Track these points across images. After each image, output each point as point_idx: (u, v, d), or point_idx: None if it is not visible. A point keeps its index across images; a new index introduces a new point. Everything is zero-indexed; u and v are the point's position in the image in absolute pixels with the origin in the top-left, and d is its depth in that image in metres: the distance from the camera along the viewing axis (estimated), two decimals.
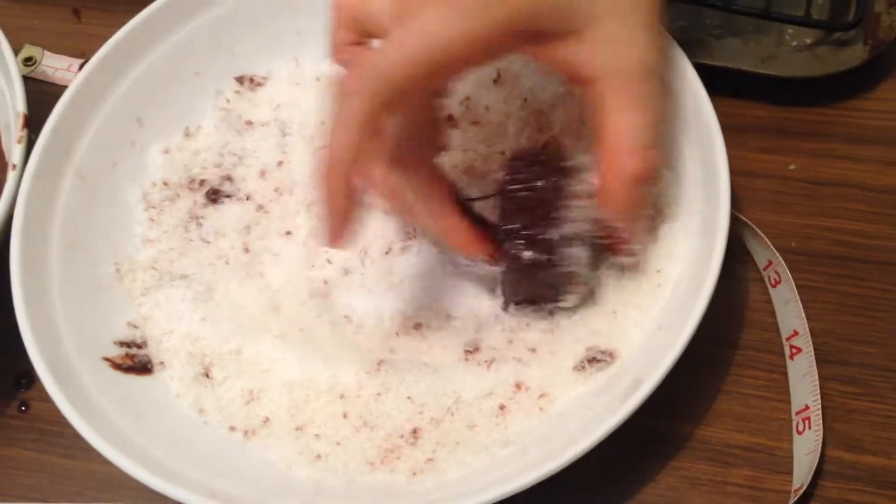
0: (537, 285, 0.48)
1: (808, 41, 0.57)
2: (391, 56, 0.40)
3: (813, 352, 0.48)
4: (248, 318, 0.51)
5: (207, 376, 0.49)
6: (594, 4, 0.42)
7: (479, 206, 0.50)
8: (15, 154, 0.52)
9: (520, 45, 0.43)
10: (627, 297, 0.48)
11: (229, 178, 0.56)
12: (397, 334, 0.50)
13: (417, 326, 0.50)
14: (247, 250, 0.53)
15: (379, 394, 0.48)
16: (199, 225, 0.54)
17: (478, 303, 0.51)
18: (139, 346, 0.50)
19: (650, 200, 0.47)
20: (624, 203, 0.45)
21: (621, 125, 0.43)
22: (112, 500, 0.49)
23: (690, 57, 0.50)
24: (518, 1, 0.41)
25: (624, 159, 0.43)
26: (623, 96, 0.43)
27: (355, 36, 0.46)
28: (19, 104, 0.54)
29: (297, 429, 0.48)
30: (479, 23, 0.40)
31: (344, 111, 0.41)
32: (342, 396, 0.48)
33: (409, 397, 0.47)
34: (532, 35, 0.42)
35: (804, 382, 0.48)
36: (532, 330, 0.49)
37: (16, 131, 0.53)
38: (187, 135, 0.57)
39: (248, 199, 0.55)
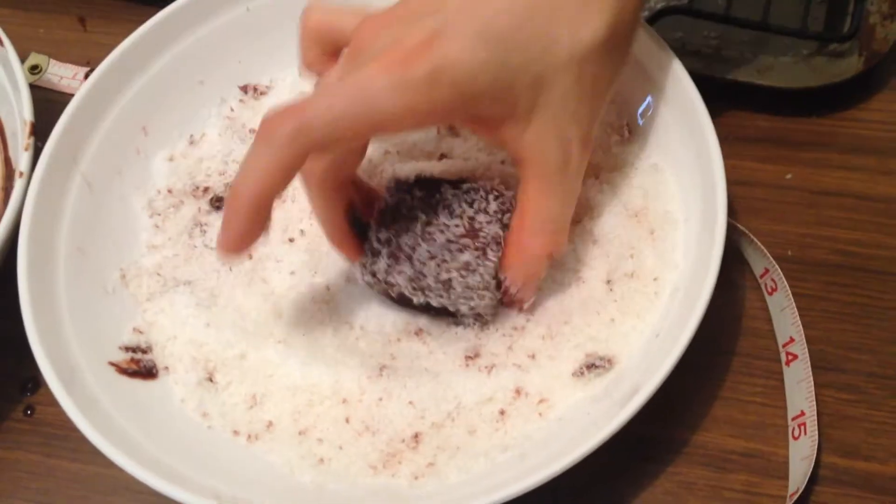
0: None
1: (805, 52, 0.58)
2: (318, 107, 0.41)
3: (809, 358, 0.48)
4: (251, 323, 0.52)
5: (211, 381, 0.50)
6: (539, 94, 0.43)
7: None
8: (22, 161, 0.52)
9: (456, 121, 0.45)
10: (625, 304, 0.49)
11: None
12: (399, 340, 0.51)
13: (419, 332, 0.51)
14: (250, 257, 0.54)
15: (381, 399, 0.48)
16: (203, 232, 0.55)
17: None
18: (144, 352, 0.51)
19: (543, 275, 0.49)
20: (520, 275, 0.48)
21: (533, 208, 0.46)
22: (117, 503, 0.49)
23: (689, 67, 0.51)
24: (463, 87, 0.41)
25: (527, 239, 0.47)
26: (540, 184, 0.45)
27: (323, 50, 0.47)
28: (26, 112, 0.54)
29: (299, 433, 0.48)
30: (421, 99, 0.41)
31: (260, 153, 0.41)
32: (344, 401, 0.49)
33: (410, 402, 0.48)
34: (469, 116, 0.44)
35: (800, 389, 0.48)
36: (531, 336, 0.50)
37: (23, 139, 0.54)
38: (192, 143, 0.58)
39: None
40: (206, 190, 0.56)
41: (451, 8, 0.41)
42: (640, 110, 0.53)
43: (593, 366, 0.48)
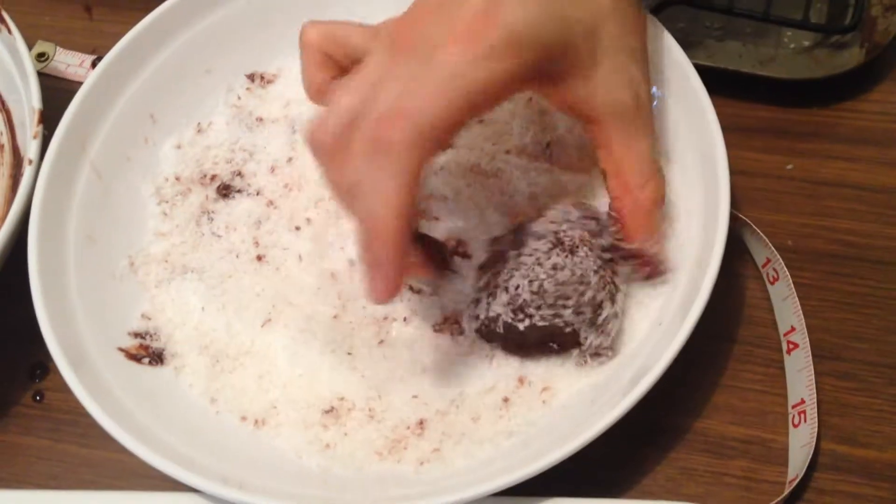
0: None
1: (807, 44, 0.59)
2: (422, 104, 0.40)
3: (809, 347, 0.49)
4: (257, 311, 0.52)
5: (219, 367, 0.51)
6: (597, 44, 0.44)
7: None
8: (31, 149, 0.53)
9: (529, 87, 0.45)
10: (629, 292, 0.50)
11: (240, 174, 0.57)
12: (402, 328, 0.51)
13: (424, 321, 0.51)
14: (257, 244, 0.55)
15: (383, 391, 0.49)
16: (211, 219, 0.56)
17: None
18: (153, 337, 0.51)
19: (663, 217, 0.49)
20: (649, 229, 0.47)
21: (627, 161, 0.46)
22: (126, 487, 0.50)
23: (692, 58, 0.51)
24: (535, 44, 0.42)
25: (637, 193, 0.46)
26: (624, 133, 0.46)
27: (331, 72, 0.47)
28: (35, 100, 0.55)
29: (305, 419, 0.49)
30: (507, 65, 0.41)
31: (381, 172, 0.39)
32: (346, 391, 0.49)
33: (414, 396, 0.48)
34: (544, 78, 0.44)
35: (800, 377, 0.49)
36: None
37: (31, 127, 0.54)
38: (199, 131, 0.58)
39: (258, 194, 0.56)
40: (213, 178, 0.57)
41: None
42: None
43: (596, 354, 0.48)
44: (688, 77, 0.51)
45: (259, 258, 0.54)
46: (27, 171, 0.52)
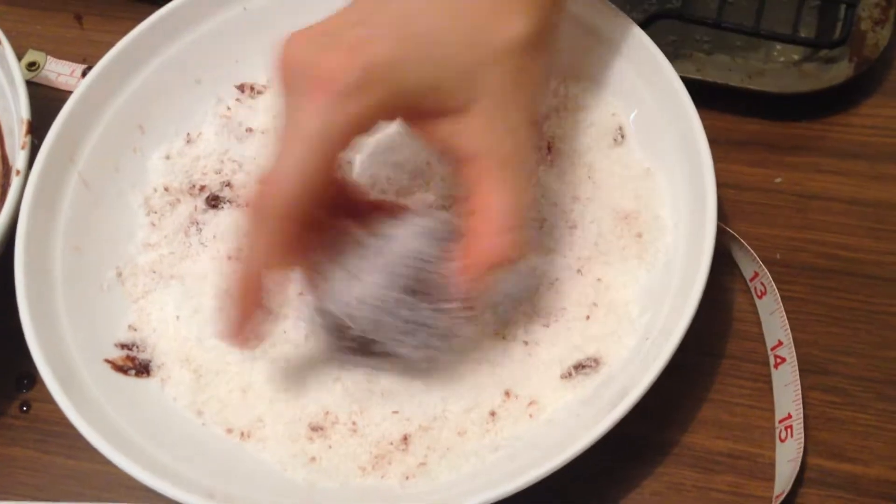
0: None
1: (796, 58, 0.59)
2: (284, 170, 0.42)
3: (796, 362, 0.49)
4: None
5: (204, 379, 0.50)
6: (472, 86, 0.43)
7: None
8: (19, 160, 0.53)
9: (394, 118, 0.45)
10: (614, 306, 0.50)
11: (229, 185, 0.57)
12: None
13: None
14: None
15: (365, 405, 0.49)
16: (199, 230, 0.55)
17: None
18: (139, 349, 0.51)
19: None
20: (483, 278, 0.45)
21: (494, 206, 0.44)
22: (113, 499, 0.50)
23: (680, 72, 0.51)
24: (394, 84, 0.42)
25: (492, 240, 0.44)
26: (498, 178, 0.44)
27: None
28: (23, 110, 0.55)
29: (291, 432, 0.49)
30: (361, 105, 0.41)
31: (256, 240, 0.44)
32: (331, 404, 0.49)
33: (394, 412, 0.48)
34: (411, 113, 0.44)
35: (787, 391, 0.49)
36: (517, 340, 0.50)
37: (20, 137, 0.54)
38: (188, 141, 0.58)
39: (247, 205, 0.56)
40: (202, 188, 0.57)
41: (374, 19, 0.42)
42: (633, 115, 0.54)
43: (581, 366, 0.48)
44: (675, 91, 0.51)
45: None
46: (15, 182, 0.52)
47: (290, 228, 0.43)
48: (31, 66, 0.66)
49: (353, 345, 0.47)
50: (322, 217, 0.46)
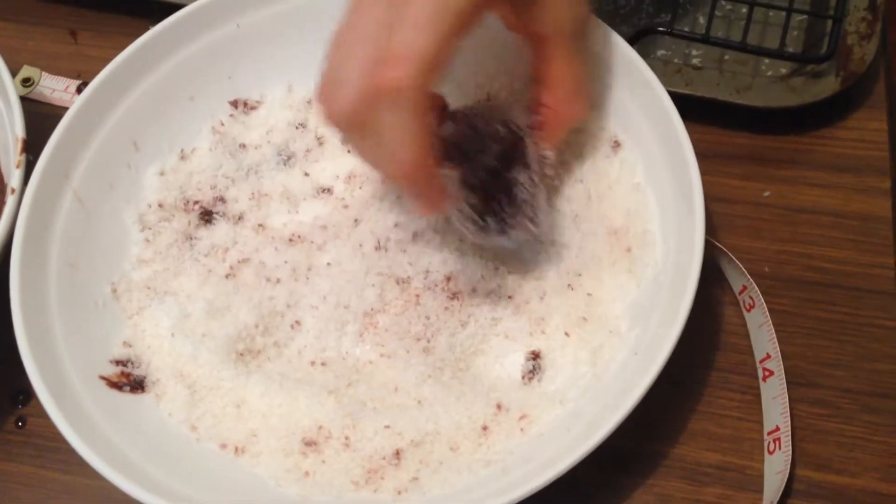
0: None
1: (784, 72, 0.59)
2: (413, 37, 0.41)
3: (784, 374, 0.50)
4: (237, 338, 0.53)
5: (199, 395, 0.51)
6: None
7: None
8: (14, 178, 0.53)
9: (496, 7, 0.48)
10: (603, 321, 0.50)
11: (222, 199, 0.57)
12: (371, 362, 0.52)
13: (391, 356, 0.52)
14: (237, 270, 0.55)
15: (357, 419, 0.49)
16: (192, 245, 0.56)
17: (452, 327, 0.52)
18: (134, 365, 0.52)
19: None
20: (559, 139, 0.52)
21: (563, 77, 0.50)
22: None
23: (669, 86, 0.52)
24: None
25: (564, 107, 0.50)
26: (564, 51, 0.49)
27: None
28: (18, 129, 0.55)
29: (284, 447, 0.49)
30: None
31: (395, 118, 0.42)
32: (324, 419, 0.50)
33: (386, 426, 0.49)
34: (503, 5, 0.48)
35: (775, 404, 0.49)
36: (510, 351, 0.51)
37: (14, 155, 0.54)
38: (182, 157, 0.58)
39: (240, 219, 0.57)
40: (196, 203, 0.57)
41: None
42: (622, 130, 0.54)
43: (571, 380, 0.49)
44: (664, 106, 0.51)
45: (240, 286, 0.54)
46: (10, 201, 0.52)
47: (425, 101, 0.42)
48: (26, 82, 0.67)
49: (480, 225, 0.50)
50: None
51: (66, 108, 0.56)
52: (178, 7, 0.58)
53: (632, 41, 0.56)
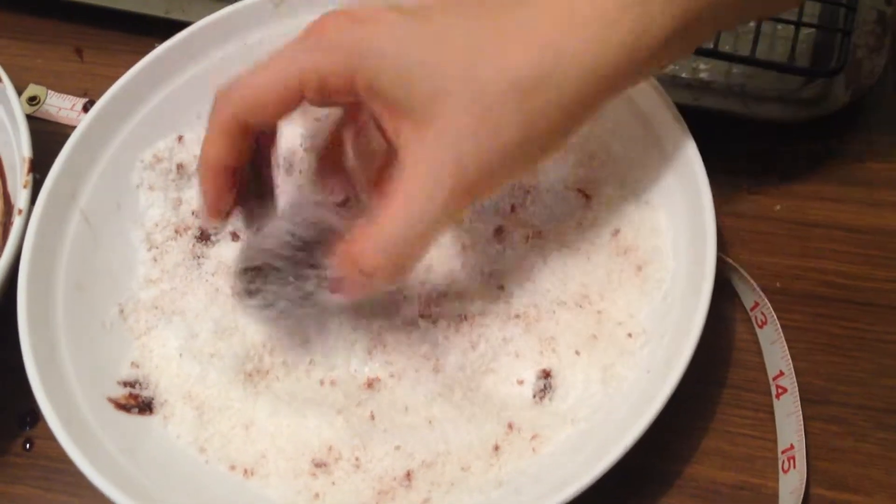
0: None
1: (793, 85, 0.59)
2: (255, 76, 0.46)
3: (798, 392, 0.49)
4: (246, 358, 0.52)
5: (207, 416, 0.50)
6: (433, 107, 0.42)
7: None
8: (21, 199, 0.53)
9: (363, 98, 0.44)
10: (613, 340, 0.50)
11: None
12: (379, 379, 0.52)
13: (399, 374, 0.51)
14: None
15: (367, 440, 0.49)
16: (200, 265, 0.56)
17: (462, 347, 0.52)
18: (142, 386, 0.51)
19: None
20: (351, 288, 0.46)
21: (393, 205, 0.43)
22: None
23: (679, 100, 0.52)
24: (371, 66, 0.43)
25: (363, 250, 0.44)
26: (410, 191, 0.43)
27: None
28: (25, 149, 0.55)
29: (294, 468, 0.49)
30: (334, 63, 0.43)
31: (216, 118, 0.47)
32: (333, 439, 0.49)
33: (397, 447, 0.48)
34: (376, 98, 0.43)
35: (789, 422, 0.49)
36: (520, 369, 0.50)
37: (21, 174, 0.54)
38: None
39: (235, 237, 0.56)
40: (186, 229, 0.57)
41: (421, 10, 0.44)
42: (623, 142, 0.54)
43: (582, 399, 0.48)
44: (671, 121, 0.51)
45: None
46: (17, 221, 0.52)
47: (245, 122, 0.46)
48: (32, 100, 0.66)
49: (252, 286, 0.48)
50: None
51: (72, 127, 0.56)
52: (185, 25, 0.58)
53: None
